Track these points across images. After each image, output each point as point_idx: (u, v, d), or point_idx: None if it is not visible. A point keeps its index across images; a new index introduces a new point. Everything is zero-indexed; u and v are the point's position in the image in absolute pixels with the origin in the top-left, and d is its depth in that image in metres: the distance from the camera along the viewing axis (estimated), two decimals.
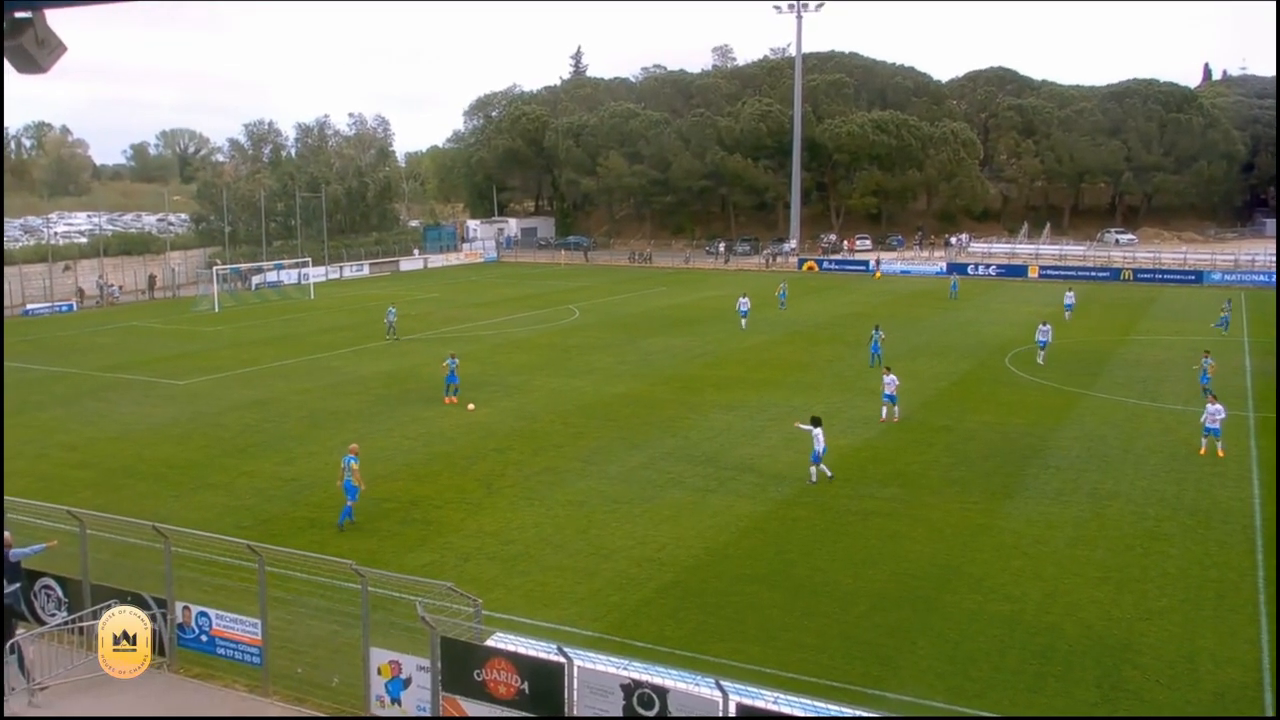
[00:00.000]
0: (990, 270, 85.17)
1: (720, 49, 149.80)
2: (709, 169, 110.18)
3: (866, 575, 20.69)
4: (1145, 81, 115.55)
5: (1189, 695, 16.05)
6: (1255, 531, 23.21)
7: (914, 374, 41.18)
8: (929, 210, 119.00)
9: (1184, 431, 31.88)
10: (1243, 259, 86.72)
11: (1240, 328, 54.56)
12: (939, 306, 64.07)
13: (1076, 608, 19.15)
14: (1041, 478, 27.31)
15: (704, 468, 28.34)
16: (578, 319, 59.03)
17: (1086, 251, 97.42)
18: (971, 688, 16.18)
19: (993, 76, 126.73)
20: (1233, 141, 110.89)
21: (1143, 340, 50.30)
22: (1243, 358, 45.42)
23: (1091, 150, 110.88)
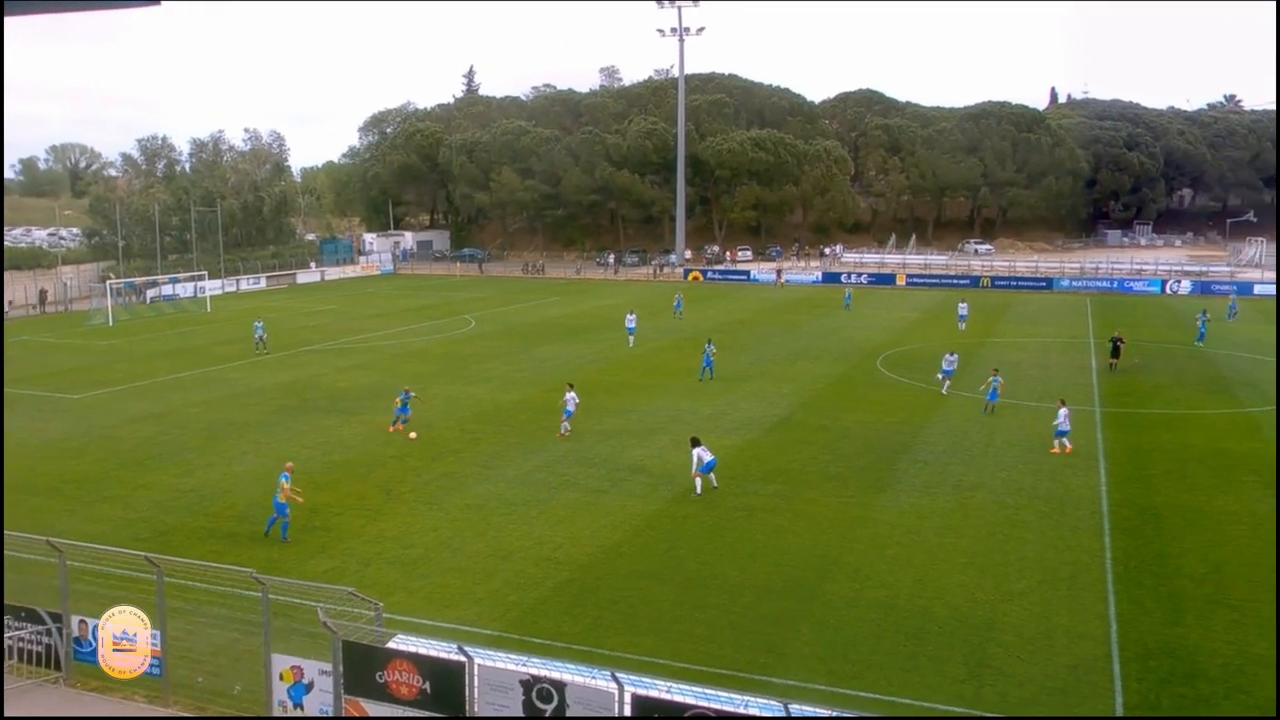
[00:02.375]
0: (862, 279, 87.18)
1: (607, 70, 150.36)
2: (598, 184, 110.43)
3: (752, 568, 20.95)
4: (999, 103, 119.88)
5: (1047, 668, 16.66)
6: (1103, 516, 24.23)
7: (793, 377, 41.93)
8: (805, 223, 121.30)
9: (1038, 426, 33.07)
10: (1087, 267, 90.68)
11: (1086, 328, 56.93)
12: (814, 313, 65.27)
13: (945, 591, 19.72)
14: (911, 472, 28.05)
15: (597, 469, 28.35)
16: (474, 329, 58.47)
17: (949, 261, 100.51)
18: (850, 670, 16.52)
19: (861, 98, 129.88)
20: (1077, 159, 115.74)
21: (1000, 343, 52.07)
22: (1089, 357, 47.39)
23: (952, 167, 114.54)
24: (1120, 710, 15.41)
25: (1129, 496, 25.74)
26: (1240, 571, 20.74)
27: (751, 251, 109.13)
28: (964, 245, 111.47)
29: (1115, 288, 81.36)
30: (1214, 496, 25.69)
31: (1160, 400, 37.57)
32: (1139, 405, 36.60)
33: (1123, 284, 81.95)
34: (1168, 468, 28.49)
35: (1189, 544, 22.37)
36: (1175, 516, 24.22)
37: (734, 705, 12.40)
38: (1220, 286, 78.76)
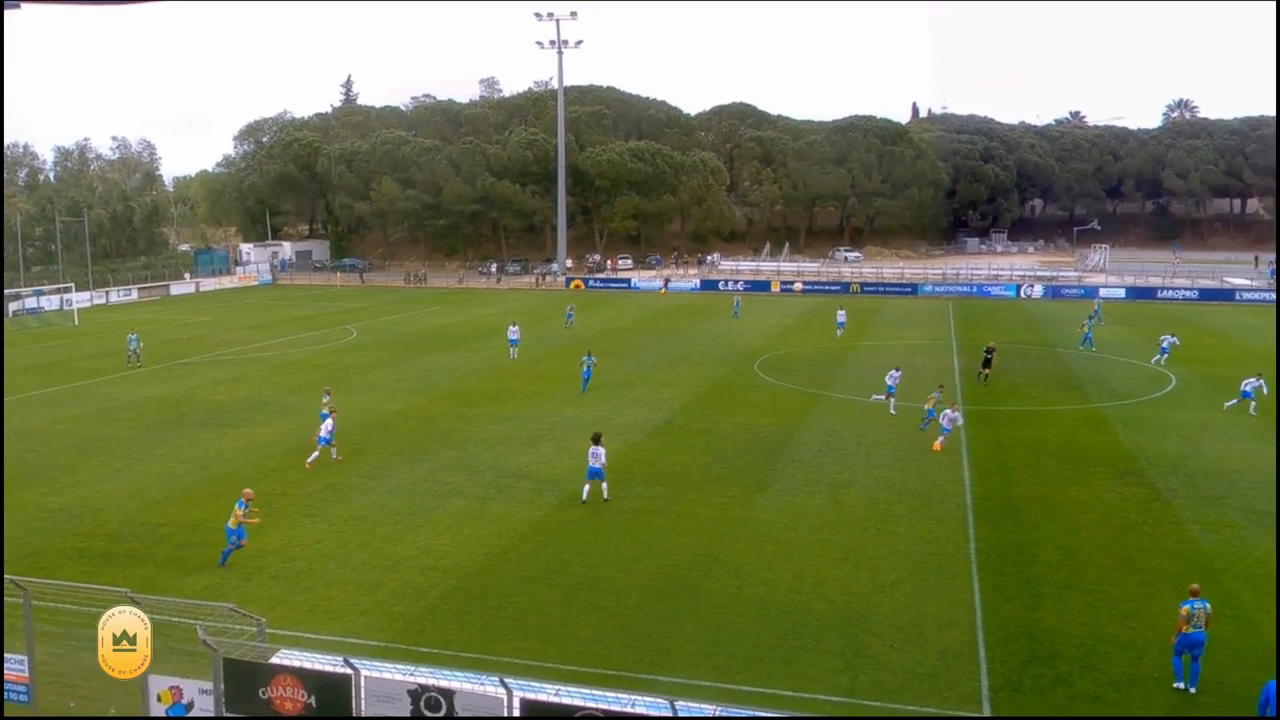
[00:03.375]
0: (738, 285, 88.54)
1: (487, 81, 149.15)
2: (479, 194, 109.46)
3: (637, 569, 21.02)
4: (865, 117, 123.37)
5: (918, 655, 17.16)
6: (967, 509, 25.11)
7: (674, 382, 42.27)
8: (683, 231, 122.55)
9: (906, 425, 34.12)
10: (949, 273, 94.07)
11: (949, 331, 59.00)
12: (693, 319, 65.92)
13: (822, 585, 20.14)
14: (789, 471, 28.57)
15: (483, 476, 28.05)
16: (355, 339, 57.22)
17: (820, 268, 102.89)
18: (734, 665, 16.72)
19: (735, 111, 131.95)
20: (938, 171, 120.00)
21: (870, 346, 53.54)
22: (951, 358, 49.12)
23: (822, 177, 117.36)
24: (985, 691, 15.98)
25: (990, 490, 26.75)
26: (1091, 557, 21.77)
27: (632, 260, 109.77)
28: (834, 253, 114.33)
29: (974, 292, 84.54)
30: (1066, 488, 26.90)
31: (1017, 398, 39.18)
32: (998, 403, 38.09)
33: (981, 289, 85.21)
34: (1025, 461, 29.70)
35: (1045, 533, 23.37)
36: (1032, 507, 25.27)
37: (621, 705, 12.42)
38: (1069, 290, 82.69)
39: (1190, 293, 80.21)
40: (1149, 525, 23.89)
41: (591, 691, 12.50)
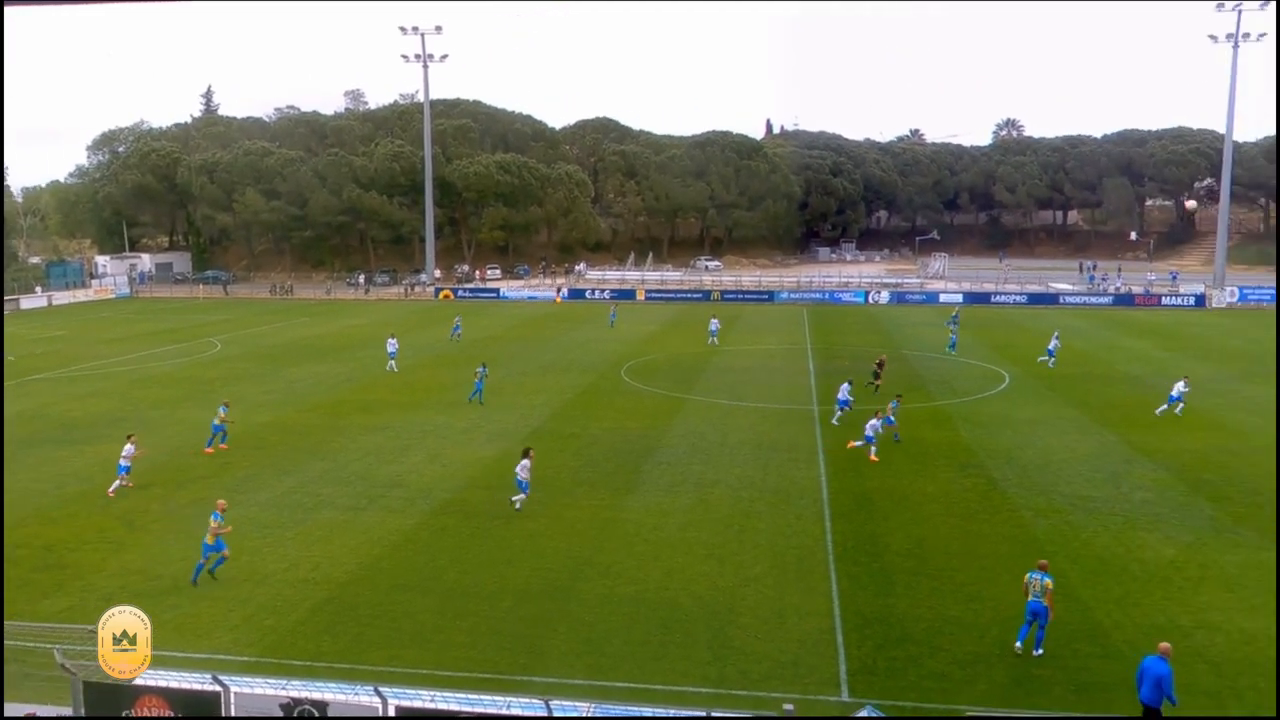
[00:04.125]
0: (605, 294, 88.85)
1: (352, 93, 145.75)
2: (346, 205, 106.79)
3: (510, 574, 20.84)
4: (722, 133, 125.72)
5: (781, 644, 17.54)
6: (823, 504, 25.80)
7: (544, 389, 42.11)
8: (550, 242, 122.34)
9: (765, 426, 34.84)
10: (803, 280, 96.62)
11: (803, 336, 60.56)
12: (561, 327, 65.80)
13: (690, 582, 20.37)
14: (656, 473, 28.80)
15: (354, 487, 27.34)
16: (220, 351, 54.97)
17: (683, 276, 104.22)
18: (607, 662, 16.75)
19: (599, 125, 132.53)
20: (791, 184, 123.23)
21: (730, 351, 54.47)
22: (807, 361, 50.44)
23: (682, 190, 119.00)
24: (844, 675, 16.45)
25: (845, 485, 27.56)
26: (938, 545, 22.66)
27: (500, 270, 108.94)
28: (695, 262, 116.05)
29: (827, 299, 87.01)
30: (914, 481, 27.94)
31: (868, 398, 40.45)
32: None
33: (833, 295, 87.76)
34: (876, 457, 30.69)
35: (895, 523, 24.21)
36: (883, 500, 26.15)
37: (497, 707, 12.30)
38: (912, 296, 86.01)
39: (1020, 297, 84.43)
40: (988, 513, 25.03)
41: (467, 696, 12.34)
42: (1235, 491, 26.69)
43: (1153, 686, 14.15)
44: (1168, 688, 14.07)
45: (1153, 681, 14.15)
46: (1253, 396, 40.06)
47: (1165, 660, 14.20)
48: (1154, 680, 14.13)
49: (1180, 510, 25.09)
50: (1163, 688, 14.07)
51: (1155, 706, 14.16)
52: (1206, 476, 28.09)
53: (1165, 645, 14.52)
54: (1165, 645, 14.52)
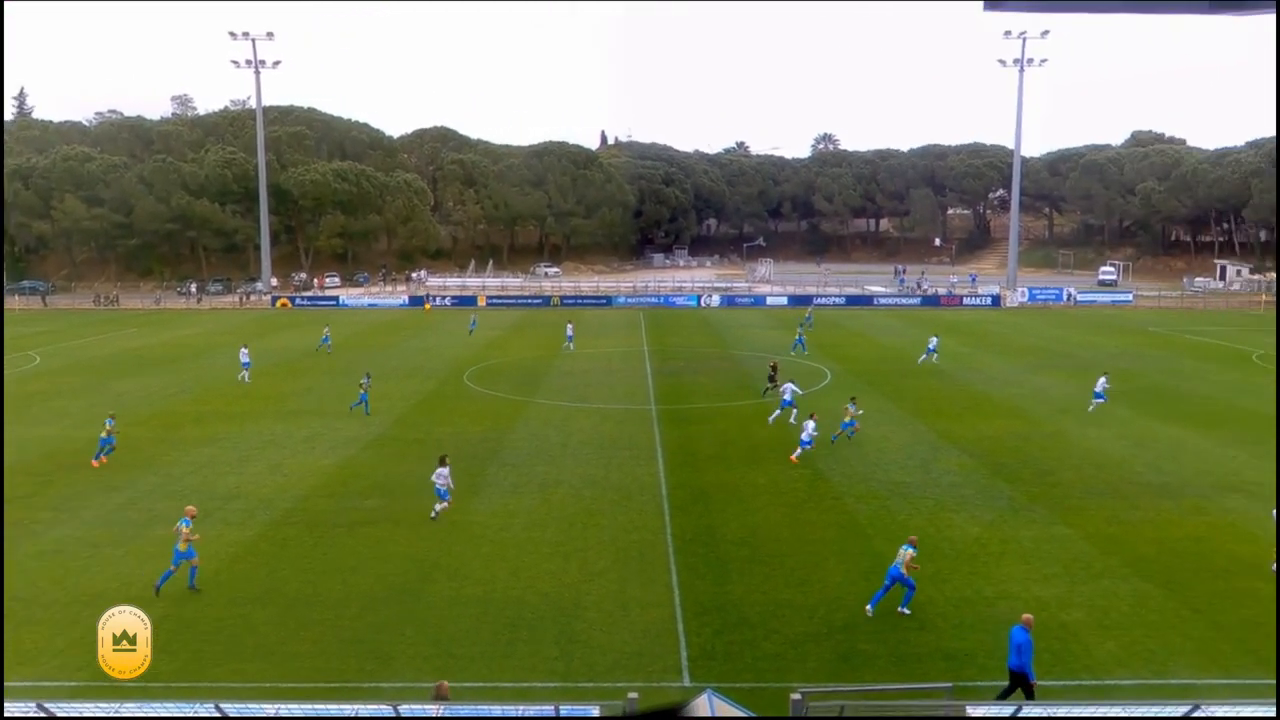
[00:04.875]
0: (447, 300, 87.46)
1: (180, 98, 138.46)
2: (176, 213, 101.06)
3: (355, 581, 20.22)
4: (559, 143, 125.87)
5: (625, 636, 17.67)
6: (663, 499, 26.17)
7: (386, 395, 41.01)
8: (390, 249, 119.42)
9: (607, 426, 35.06)
10: (639, 285, 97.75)
11: (640, 339, 61.28)
12: (403, 334, 64.32)
13: (536, 580, 20.28)
14: (500, 474, 28.54)
15: (189, 501, 25.85)
16: (39, 365, 51.04)
17: (524, 283, 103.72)
18: (455, 664, 16.47)
19: (437, 134, 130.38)
20: (626, 193, 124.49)
21: (571, 354, 54.54)
22: (644, 363, 51.06)
23: (521, 198, 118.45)
24: (685, 662, 16.73)
25: (682, 480, 28.03)
26: (770, 533, 23.34)
27: (340, 278, 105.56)
28: (535, 268, 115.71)
29: (662, 302, 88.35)
30: (746, 473, 28.69)
31: (701, 395, 41.33)
32: (685, 402, 39.99)
33: (667, 299, 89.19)
34: (711, 453, 31.36)
35: (730, 515, 24.80)
36: (719, 493, 26.74)
37: (343, 714, 11.90)
38: (741, 299, 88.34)
39: (839, 299, 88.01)
40: (814, 502, 25.96)
41: (313, 705, 11.87)
42: (1029, 473, 28.61)
43: (1017, 654, 14.89)
44: (1026, 658, 14.80)
45: (1016, 650, 14.90)
46: (1042, 386, 43.05)
47: (1027, 630, 14.95)
48: (1017, 649, 14.89)
49: (983, 492, 26.70)
50: (1023, 656, 14.81)
51: (1020, 672, 14.87)
52: (1004, 460, 30.00)
53: (1028, 616, 15.31)
54: (1028, 616, 15.31)
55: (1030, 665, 14.81)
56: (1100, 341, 59.40)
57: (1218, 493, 26.54)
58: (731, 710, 12.04)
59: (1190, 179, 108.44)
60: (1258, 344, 57.61)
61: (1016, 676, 14.88)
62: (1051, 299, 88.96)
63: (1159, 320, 72.95)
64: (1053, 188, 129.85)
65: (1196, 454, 30.72)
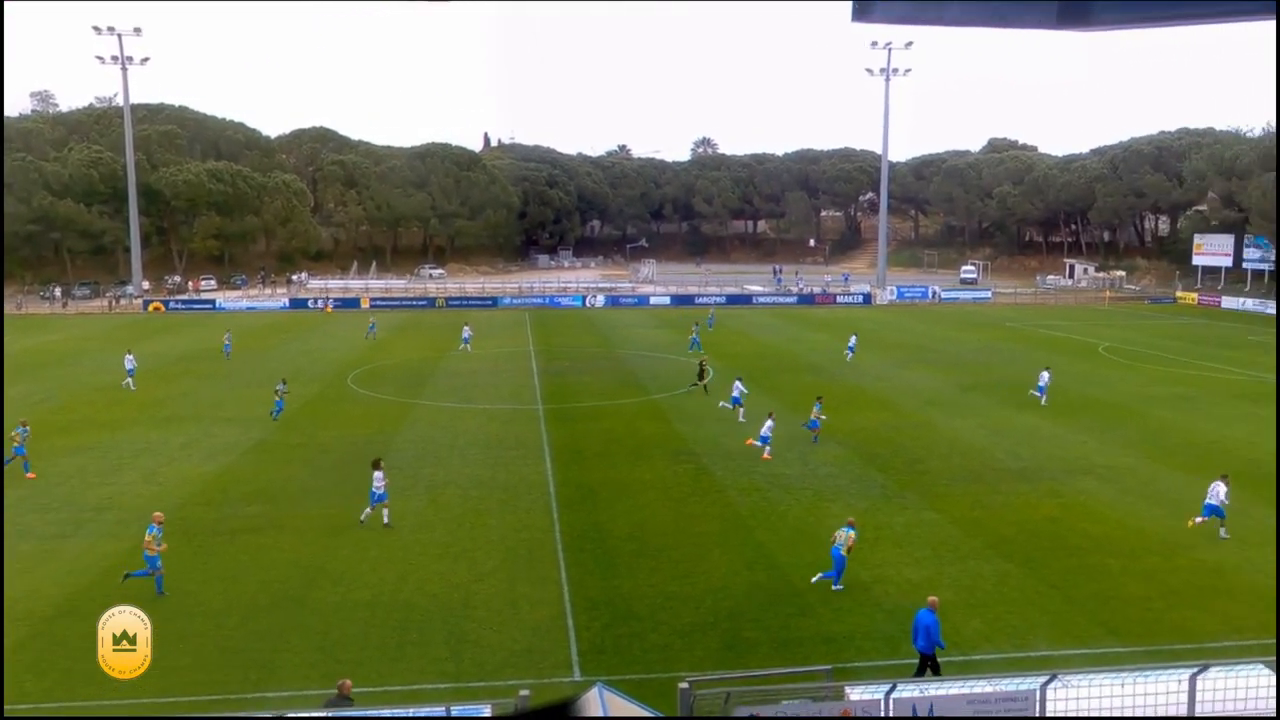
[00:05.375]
0: (329, 303, 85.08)
1: (40, 94, 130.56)
2: (37, 214, 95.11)
3: (236, 590, 19.49)
4: (441, 145, 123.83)
5: (515, 634, 17.55)
6: (551, 497, 26.09)
7: (269, 400, 39.59)
8: (269, 251, 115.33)
9: (493, 427, 34.73)
10: (524, 286, 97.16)
11: (526, 339, 60.89)
12: (283, 337, 62.20)
13: (425, 582, 19.94)
14: (387, 478, 27.88)
15: (58, 513, 24.49)
16: None
17: (408, 284, 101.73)
18: (341, 669, 16.00)
19: (316, 135, 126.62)
20: (510, 195, 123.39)
21: (457, 355, 53.81)
22: (530, 362, 50.76)
23: (404, 200, 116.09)
24: (575, 657, 16.71)
25: (570, 477, 27.99)
26: (656, 528, 23.53)
27: (216, 280, 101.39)
28: (420, 270, 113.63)
29: (548, 303, 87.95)
30: (633, 470, 28.85)
31: (587, 394, 41.36)
32: (572, 401, 39.96)
33: (553, 299, 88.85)
34: (598, 450, 31.41)
35: (617, 510, 24.89)
36: (606, 490, 26.81)
37: None
38: (625, 299, 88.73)
39: (720, 298, 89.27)
40: (699, 495, 26.30)
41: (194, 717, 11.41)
42: (900, 462, 29.63)
43: (924, 636, 15.35)
44: (935, 635, 15.31)
45: (923, 632, 15.36)
46: (910, 380, 44.63)
47: (933, 611, 15.44)
48: (924, 630, 15.35)
49: (858, 481, 27.53)
50: (931, 635, 15.30)
51: (929, 654, 15.35)
52: (877, 451, 30.99)
53: (933, 599, 15.83)
54: (933, 599, 15.83)
55: (939, 640, 15.34)
56: (963, 337, 61.91)
57: (1070, 476, 28.03)
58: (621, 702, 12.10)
59: (1042, 183, 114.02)
60: (1104, 337, 61.07)
61: (925, 658, 15.38)
62: (918, 297, 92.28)
63: (1015, 316, 76.53)
64: (918, 191, 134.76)
65: (1050, 441, 32.36)
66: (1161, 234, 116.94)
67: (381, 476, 23.51)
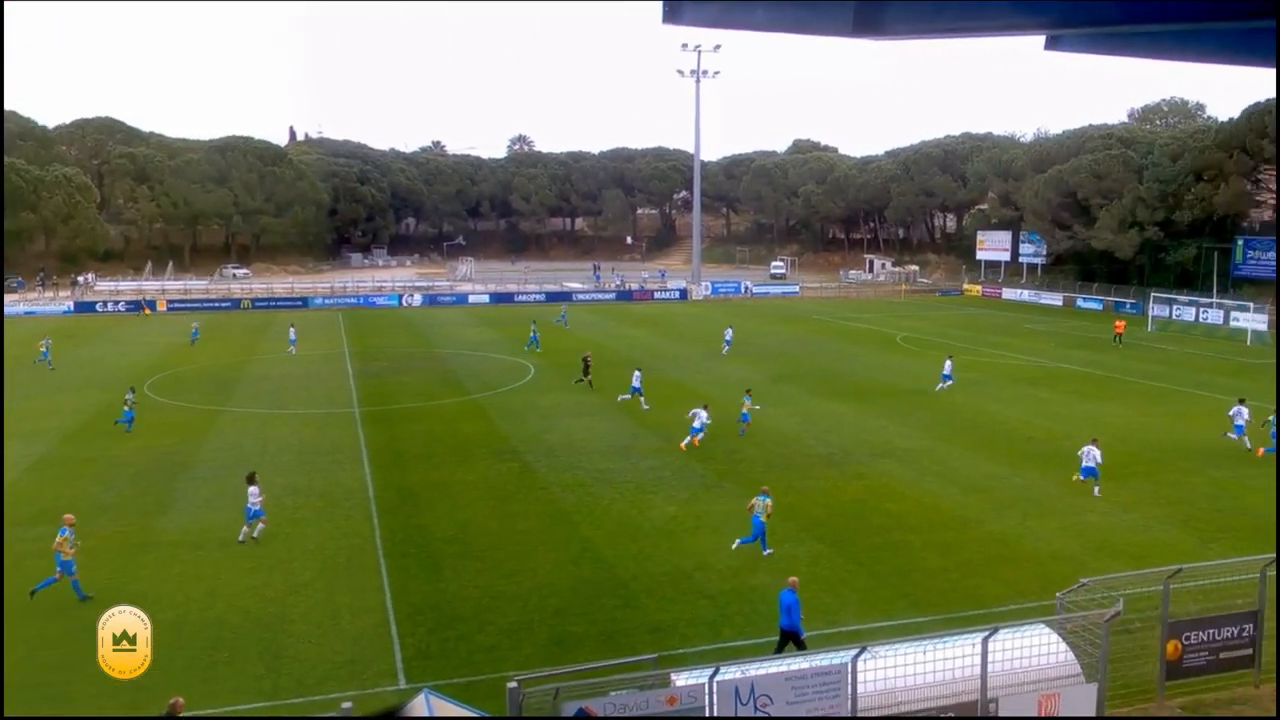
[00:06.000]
0: (120, 307, 79.22)
1: None
2: None
3: (19, 622, 17.80)
4: (243, 138, 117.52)
5: (336, 646, 16.94)
6: (370, 502, 25.33)
7: (53, 411, 36.58)
8: (50, 251, 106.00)
9: (309, 432, 33.36)
10: (337, 286, 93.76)
11: (340, 340, 58.77)
12: (69, 344, 57.43)
13: (236, 597, 18.94)
14: (191, 489, 26.35)
15: None
16: None
17: (209, 285, 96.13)
18: (146, 696, 14.98)
19: (102, 125, 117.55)
20: (319, 191, 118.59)
21: (265, 359, 51.34)
22: (345, 364, 49.05)
23: (203, 196, 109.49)
24: (400, 664, 16.29)
25: (390, 481, 27.26)
26: (480, 528, 23.27)
27: None
28: (222, 270, 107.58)
29: (362, 303, 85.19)
30: (455, 471, 28.40)
31: (406, 396, 40.37)
32: (389, 402, 38.89)
33: (367, 299, 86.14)
34: (418, 452, 30.73)
35: (440, 512, 24.45)
36: (428, 492, 26.28)
37: None
38: (444, 298, 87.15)
39: (539, 295, 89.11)
40: (523, 493, 26.19)
41: None
42: (718, 452, 30.51)
43: (786, 615, 15.90)
44: (796, 617, 15.86)
45: (785, 610, 15.91)
46: (723, 372, 46.01)
47: (793, 591, 16.01)
48: (786, 609, 15.89)
49: (678, 473, 28.15)
50: (793, 616, 15.85)
51: (792, 631, 15.90)
52: None
53: (793, 579, 16.44)
54: (793, 579, 16.44)
55: (800, 622, 15.95)
56: (775, 330, 64.38)
57: (874, 459, 29.69)
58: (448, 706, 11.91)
59: (842, 183, 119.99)
60: (902, 328, 65.00)
61: (787, 634, 15.99)
62: (731, 291, 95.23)
63: (822, 309, 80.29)
64: (729, 190, 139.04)
65: (855, 427, 34.16)
66: (950, 231, 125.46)
67: (258, 491, 22.28)
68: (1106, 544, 22.11)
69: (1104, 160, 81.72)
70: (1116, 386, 42.66)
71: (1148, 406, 37.93)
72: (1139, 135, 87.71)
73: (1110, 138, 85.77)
